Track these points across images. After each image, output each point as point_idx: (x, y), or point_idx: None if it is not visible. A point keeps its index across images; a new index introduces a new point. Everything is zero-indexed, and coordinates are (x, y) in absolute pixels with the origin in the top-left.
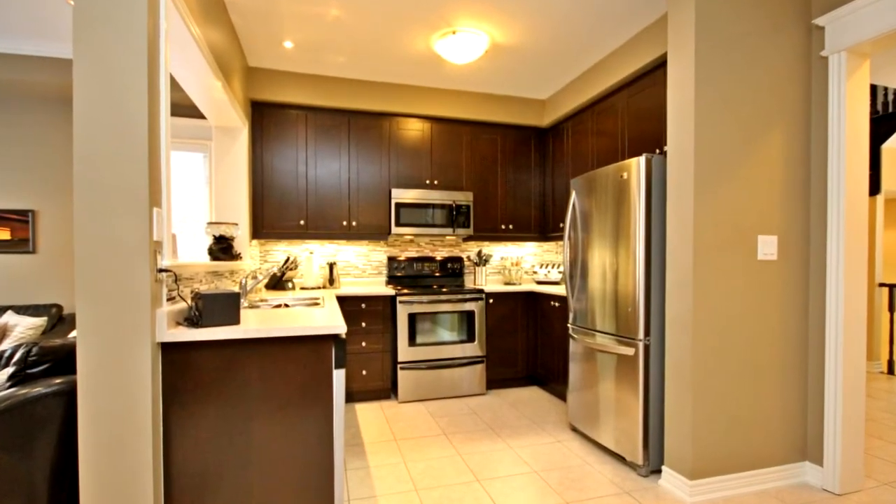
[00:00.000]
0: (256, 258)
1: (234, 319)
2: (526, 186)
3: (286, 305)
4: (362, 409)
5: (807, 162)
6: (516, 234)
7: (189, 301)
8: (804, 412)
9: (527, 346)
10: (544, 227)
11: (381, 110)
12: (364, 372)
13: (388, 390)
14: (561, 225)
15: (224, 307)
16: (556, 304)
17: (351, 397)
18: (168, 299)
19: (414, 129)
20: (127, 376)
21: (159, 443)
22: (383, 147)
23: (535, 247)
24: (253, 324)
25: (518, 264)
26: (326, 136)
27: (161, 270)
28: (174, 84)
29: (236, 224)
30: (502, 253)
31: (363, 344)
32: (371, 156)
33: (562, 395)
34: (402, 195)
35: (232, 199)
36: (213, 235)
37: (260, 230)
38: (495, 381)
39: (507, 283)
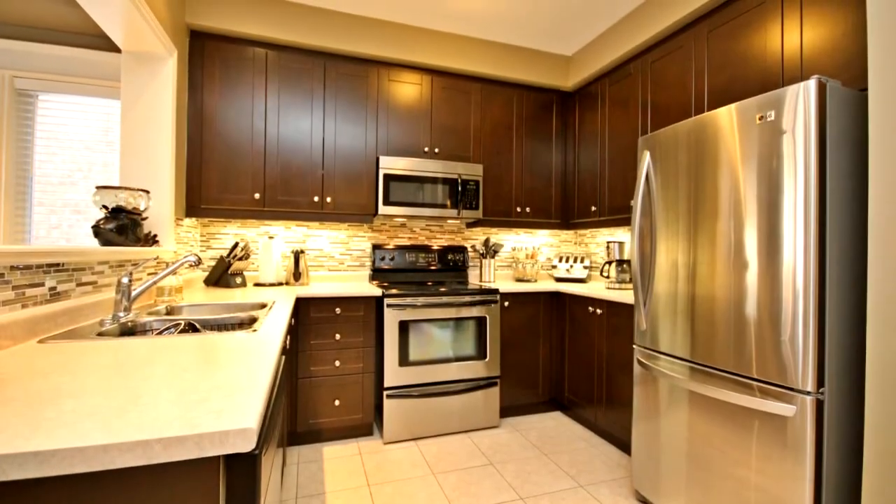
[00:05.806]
0: (196, 244)
1: None
2: (546, 161)
3: (191, 325)
4: (333, 453)
5: None
6: (534, 219)
7: None
8: None
9: (550, 363)
10: (567, 212)
11: (368, 55)
12: (337, 402)
13: (370, 425)
14: (594, 209)
15: None
16: (598, 312)
17: (318, 436)
18: None
19: (410, 82)
20: None
21: None
22: (370, 102)
23: (549, 236)
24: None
25: (534, 257)
26: (295, 84)
27: None
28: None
29: (147, 192)
30: (513, 242)
31: (336, 363)
32: (354, 113)
33: (592, 425)
34: (392, 164)
35: (148, 160)
36: (105, 206)
37: (197, 204)
38: (510, 409)
39: (518, 280)
